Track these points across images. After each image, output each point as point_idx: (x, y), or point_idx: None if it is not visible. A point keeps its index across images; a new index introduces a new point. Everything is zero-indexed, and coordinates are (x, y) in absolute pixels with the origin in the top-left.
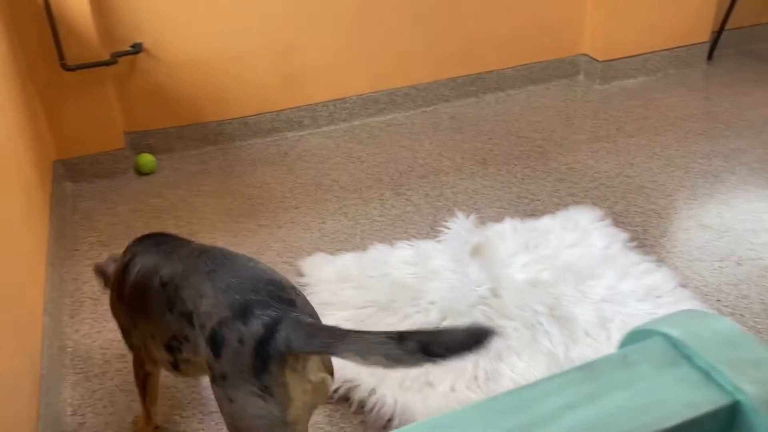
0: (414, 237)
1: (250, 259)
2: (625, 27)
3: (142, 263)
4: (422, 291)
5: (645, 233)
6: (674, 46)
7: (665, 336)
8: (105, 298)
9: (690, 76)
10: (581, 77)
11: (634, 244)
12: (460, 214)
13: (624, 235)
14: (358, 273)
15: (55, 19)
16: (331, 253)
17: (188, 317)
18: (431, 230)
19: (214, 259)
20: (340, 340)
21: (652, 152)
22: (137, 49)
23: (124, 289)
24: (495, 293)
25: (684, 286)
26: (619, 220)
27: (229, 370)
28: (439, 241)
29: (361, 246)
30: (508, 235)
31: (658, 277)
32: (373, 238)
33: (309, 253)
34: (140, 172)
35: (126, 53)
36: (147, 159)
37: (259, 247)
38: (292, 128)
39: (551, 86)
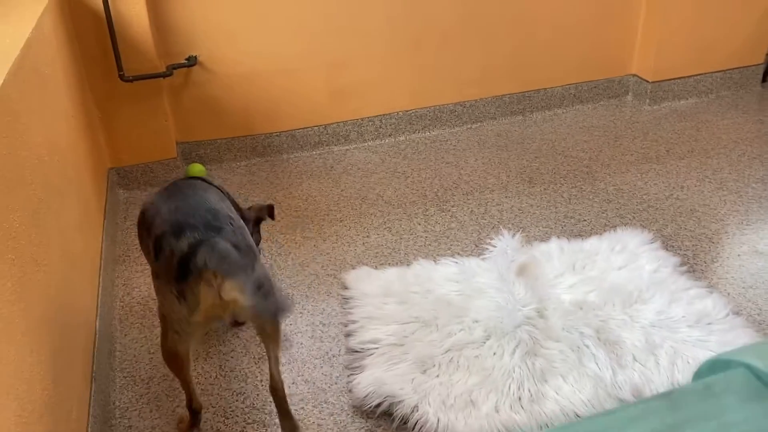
0: (458, 254)
1: (206, 190)
2: (677, 48)
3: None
4: (466, 309)
5: (695, 258)
6: (727, 68)
7: (749, 367)
8: (153, 303)
9: (743, 98)
10: (630, 97)
11: (685, 268)
12: (505, 232)
13: (674, 259)
14: (402, 288)
15: (116, 32)
16: (375, 267)
17: (149, 232)
18: (476, 247)
19: (181, 189)
20: (241, 272)
21: (703, 175)
22: (192, 61)
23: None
24: (541, 314)
25: (737, 313)
26: (669, 244)
27: (160, 271)
28: (484, 259)
29: (405, 261)
30: (555, 255)
31: (710, 304)
32: (417, 253)
33: (353, 267)
34: None
35: (181, 65)
36: (197, 169)
37: (304, 259)
38: (338, 142)
39: (599, 106)
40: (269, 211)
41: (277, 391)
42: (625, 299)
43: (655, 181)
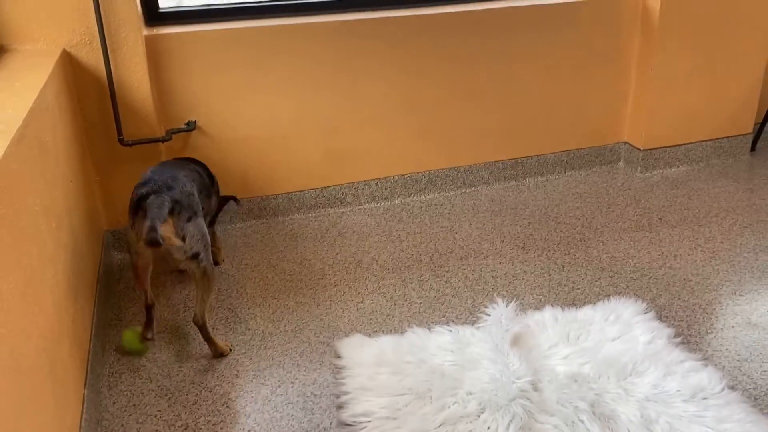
0: (452, 321)
1: (183, 166)
2: (667, 117)
3: None
4: (461, 380)
5: (689, 329)
6: (717, 137)
7: None
8: (144, 370)
9: (733, 167)
10: (622, 164)
11: (679, 340)
12: (500, 301)
13: (668, 330)
14: (396, 358)
15: (117, 98)
16: (369, 335)
17: None
18: (470, 315)
19: (169, 162)
20: (152, 217)
21: (695, 244)
22: (191, 126)
23: None
24: (535, 386)
25: (732, 387)
26: (663, 314)
27: (129, 208)
28: (478, 328)
29: (399, 328)
30: (549, 324)
31: (705, 377)
32: (411, 320)
33: (346, 334)
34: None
35: (180, 130)
36: (129, 337)
37: (296, 324)
38: (334, 205)
39: (591, 172)
40: (234, 198)
41: (197, 325)
42: (619, 371)
43: (648, 249)
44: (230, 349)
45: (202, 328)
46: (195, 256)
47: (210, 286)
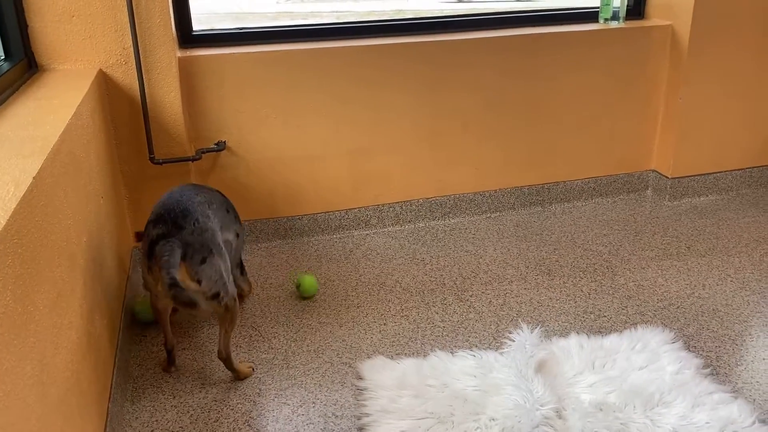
0: (476, 346)
1: (198, 193)
2: (696, 145)
3: None
4: (483, 405)
5: (718, 360)
6: (747, 166)
7: None
8: (167, 386)
9: (764, 197)
10: (650, 192)
11: (708, 371)
12: (524, 326)
13: (696, 361)
14: (418, 381)
15: (150, 117)
16: (391, 357)
17: None
18: (494, 340)
19: (180, 188)
20: (166, 268)
21: (725, 274)
22: (221, 146)
23: None
24: (560, 414)
25: (763, 422)
26: (691, 344)
27: (142, 249)
28: (502, 353)
29: (421, 351)
30: (574, 352)
31: (735, 410)
32: (434, 344)
33: (369, 356)
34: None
35: (210, 150)
36: (309, 283)
37: (319, 345)
38: (358, 227)
39: (618, 200)
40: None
41: (221, 359)
42: (646, 401)
43: (675, 278)
44: (253, 370)
45: (226, 361)
46: (215, 297)
47: (233, 320)
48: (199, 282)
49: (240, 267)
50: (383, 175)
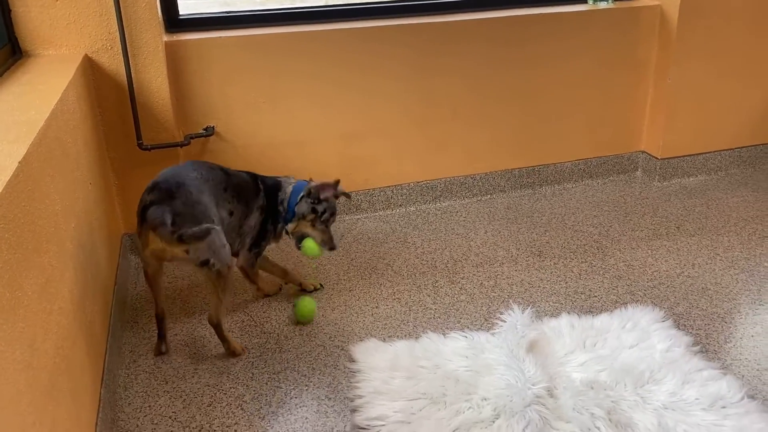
0: (467, 327)
1: (196, 169)
2: (685, 126)
3: None
4: (475, 386)
5: (708, 338)
6: (737, 146)
7: None
8: (159, 372)
9: (753, 176)
10: (639, 173)
11: (697, 348)
12: (515, 307)
13: (686, 339)
14: (410, 362)
15: (137, 103)
16: (383, 340)
17: None
18: (485, 321)
19: (184, 164)
20: (168, 233)
21: (714, 253)
22: (209, 132)
23: None
24: (551, 393)
25: (752, 397)
26: (681, 323)
27: (137, 214)
28: (493, 334)
29: (413, 333)
30: (565, 331)
31: (724, 386)
32: (425, 326)
33: (361, 339)
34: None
35: (199, 135)
36: (306, 308)
37: (311, 329)
38: (349, 211)
39: (608, 181)
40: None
41: (212, 324)
42: (636, 379)
43: (665, 258)
44: (243, 350)
45: (217, 327)
46: (204, 263)
47: (225, 287)
48: (187, 251)
49: (250, 246)
50: (373, 159)
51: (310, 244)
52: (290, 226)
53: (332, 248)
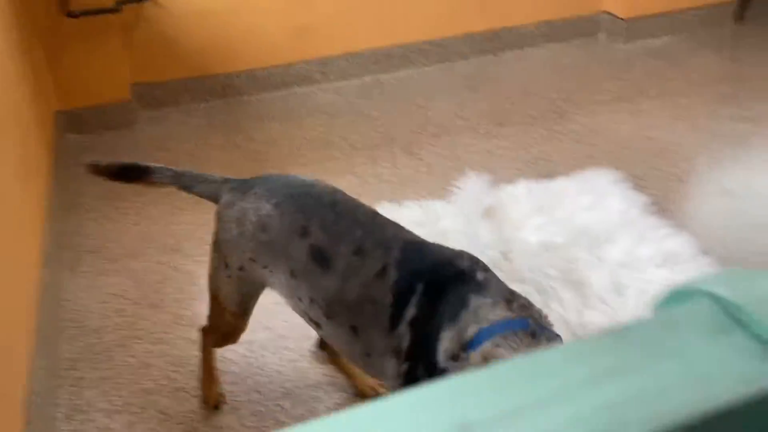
0: (425, 198)
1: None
2: None
3: None
4: None
5: (665, 198)
6: (702, 4)
7: (713, 297)
8: (105, 251)
9: (718, 36)
10: (603, 36)
11: (655, 208)
12: (472, 174)
13: (643, 199)
14: None
15: None
16: None
17: None
18: (443, 191)
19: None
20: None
21: (676, 115)
22: None
23: None
24: (506, 256)
25: (705, 253)
26: (639, 184)
27: None
28: (449, 202)
29: (368, 204)
30: (522, 196)
31: (678, 244)
32: (382, 197)
33: None
34: None
35: (131, 1)
36: None
37: None
38: (302, 83)
39: (572, 45)
40: None
41: None
42: (592, 240)
43: (626, 121)
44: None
45: None
46: None
47: None
48: None
49: None
50: (326, 24)
51: None
52: None
53: None
